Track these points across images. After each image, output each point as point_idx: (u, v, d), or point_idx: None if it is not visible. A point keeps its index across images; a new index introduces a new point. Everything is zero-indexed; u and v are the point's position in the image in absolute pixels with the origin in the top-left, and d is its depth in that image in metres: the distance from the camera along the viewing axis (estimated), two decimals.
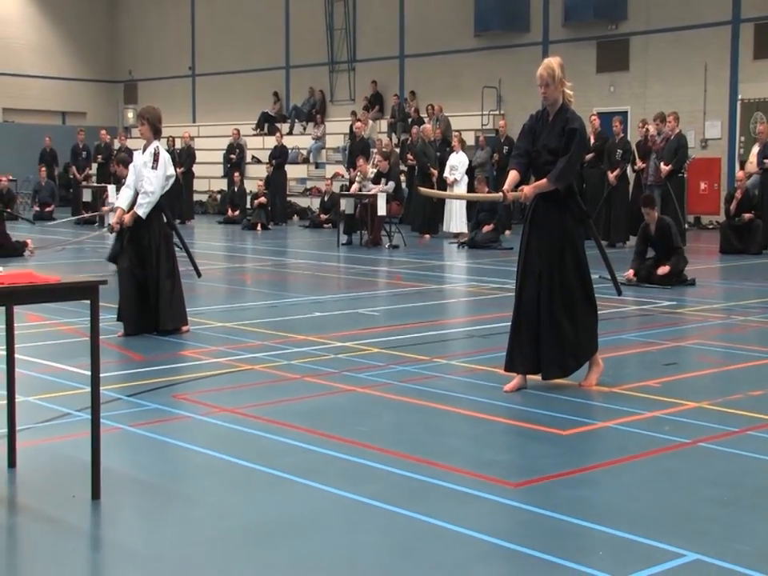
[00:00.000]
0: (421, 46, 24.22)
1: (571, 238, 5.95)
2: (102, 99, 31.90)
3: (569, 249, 5.94)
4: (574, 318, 5.95)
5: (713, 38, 19.62)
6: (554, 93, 5.87)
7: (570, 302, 5.94)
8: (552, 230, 5.93)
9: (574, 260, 5.95)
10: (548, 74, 5.84)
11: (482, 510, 3.96)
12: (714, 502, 4.08)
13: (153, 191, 7.80)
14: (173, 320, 7.76)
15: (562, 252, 5.92)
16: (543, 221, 5.96)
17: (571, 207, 5.99)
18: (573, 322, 5.95)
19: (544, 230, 5.95)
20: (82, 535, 3.77)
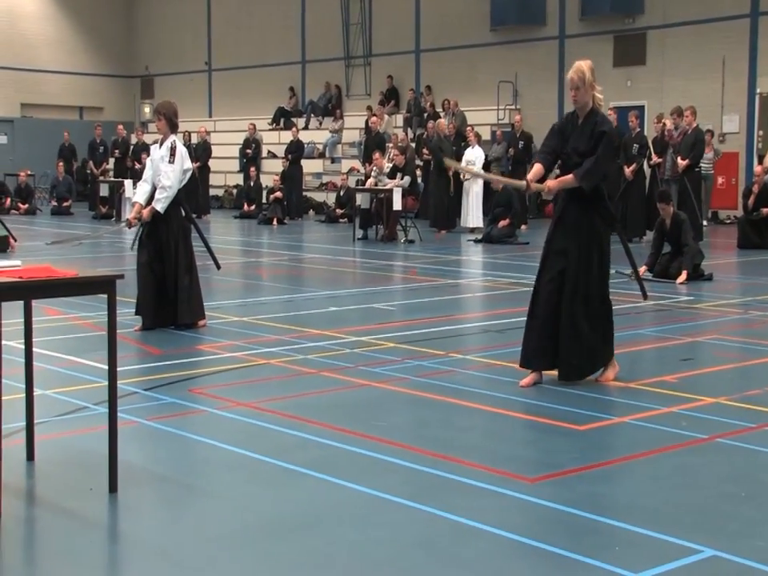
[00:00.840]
0: (437, 40, 24.17)
1: (599, 240, 5.96)
2: (119, 94, 32.01)
3: (596, 252, 5.95)
4: (593, 321, 5.95)
5: (731, 32, 19.48)
6: (584, 96, 5.94)
7: (591, 306, 5.94)
8: (580, 232, 5.93)
9: (599, 264, 5.96)
10: (578, 77, 5.92)
11: (498, 505, 3.95)
12: (731, 497, 4.06)
13: (170, 185, 7.82)
14: (190, 314, 7.77)
15: (589, 254, 5.92)
16: (572, 222, 5.95)
17: (600, 211, 6.00)
18: (592, 326, 5.95)
19: (572, 232, 5.94)
20: (99, 528, 3.80)
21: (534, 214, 21.15)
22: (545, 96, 22.32)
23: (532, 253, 14.38)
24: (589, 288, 5.91)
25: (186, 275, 7.77)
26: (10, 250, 13.30)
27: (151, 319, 7.70)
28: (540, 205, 21.80)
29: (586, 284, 5.90)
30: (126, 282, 9.88)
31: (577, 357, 5.90)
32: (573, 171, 5.87)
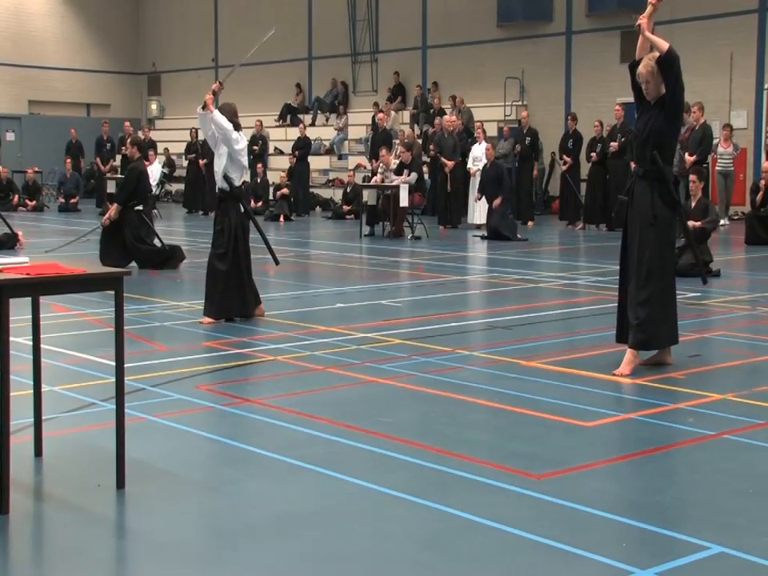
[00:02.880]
0: (443, 36, 24.14)
1: (660, 220, 6.13)
2: (126, 91, 32.04)
3: (657, 230, 6.12)
4: (652, 300, 6.15)
5: (739, 27, 19.41)
6: (655, 89, 6.22)
7: (651, 284, 6.14)
8: (643, 212, 6.15)
9: (658, 244, 6.12)
10: (647, 71, 6.19)
11: (505, 501, 3.95)
12: (739, 494, 4.05)
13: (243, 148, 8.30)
14: (246, 306, 7.99)
15: (648, 234, 6.12)
16: (637, 203, 6.20)
17: (662, 193, 6.18)
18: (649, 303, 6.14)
19: (637, 213, 6.18)
20: (106, 524, 3.81)
21: (541, 210, 21.13)
22: (552, 92, 22.27)
23: (538, 249, 14.37)
24: (650, 265, 6.12)
25: (238, 270, 7.96)
26: (19, 246, 13.34)
27: (216, 310, 7.92)
28: (546, 201, 21.78)
29: (648, 261, 6.12)
30: (133, 278, 9.90)
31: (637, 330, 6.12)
32: (650, 156, 6.13)
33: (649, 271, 6.11)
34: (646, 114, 6.29)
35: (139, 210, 11.54)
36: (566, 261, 13.07)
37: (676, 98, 6.22)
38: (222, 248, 8.01)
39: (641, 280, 6.13)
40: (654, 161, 6.15)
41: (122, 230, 11.37)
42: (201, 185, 21.89)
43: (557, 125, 20.92)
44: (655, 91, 6.22)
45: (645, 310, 6.10)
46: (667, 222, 6.18)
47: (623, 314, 6.35)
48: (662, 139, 6.20)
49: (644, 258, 6.11)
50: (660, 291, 6.15)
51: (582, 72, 21.82)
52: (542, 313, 8.53)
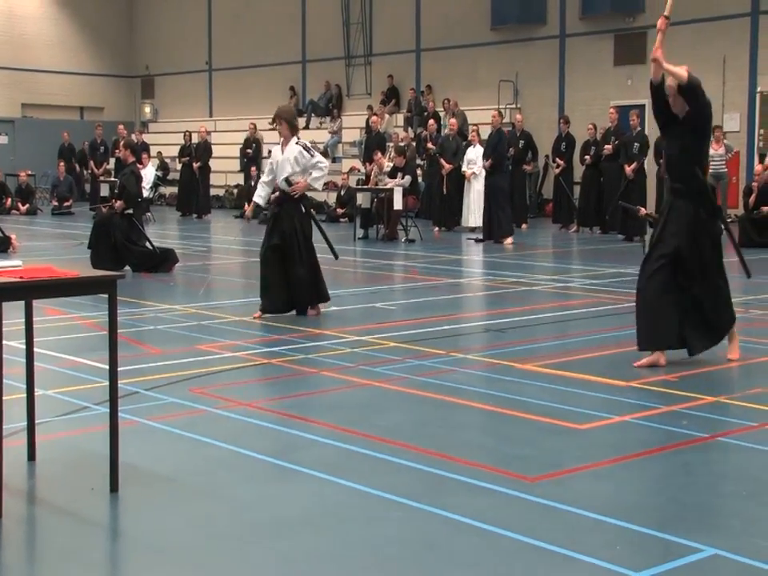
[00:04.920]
0: (437, 39, 24.16)
1: (705, 226, 6.39)
2: (120, 94, 32.01)
3: (705, 233, 6.38)
4: (712, 293, 6.42)
5: (731, 30, 19.47)
6: (681, 102, 6.30)
7: (710, 279, 6.41)
8: (691, 222, 6.33)
9: (711, 250, 6.42)
10: (676, 83, 6.27)
11: (499, 504, 3.95)
12: (732, 496, 4.06)
13: (326, 164, 8.64)
14: (305, 301, 8.38)
15: (699, 241, 6.36)
16: (681, 213, 6.35)
17: (704, 202, 6.42)
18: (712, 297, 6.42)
19: (681, 221, 6.34)
20: (100, 527, 3.80)
21: (535, 213, 21.16)
22: (546, 95, 22.31)
23: (532, 252, 14.39)
24: (704, 263, 6.39)
25: (302, 266, 8.31)
26: (11, 250, 13.30)
27: (268, 303, 8.28)
28: (540, 204, 21.81)
29: (701, 259, 6.37)
30: (127, 281, 9.89)
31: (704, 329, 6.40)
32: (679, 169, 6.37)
33: (717, 276, 6.45)
34: (676, 132, 6.39)
35: (129, 214, 11.53)
36: (560, 263, 13.09)
37: (704, 117, 6.40)
38: (302, 252, 8.38)
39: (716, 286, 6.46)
40: (696, 176, 6.36)
41: (112, 234, 11.36)
42: (195, 188, 21.86)
43: (550, 128, 20.95)
44: (683, 104, 6.33)
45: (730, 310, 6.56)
46: (715, 230, 6.49)
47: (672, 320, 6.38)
48: (698, 155, 6.40)
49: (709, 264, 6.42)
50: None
51: (575, 75, 21.86)
52: (537, 316, 8.54)
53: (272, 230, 8.46)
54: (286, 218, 8.40)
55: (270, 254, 8.39)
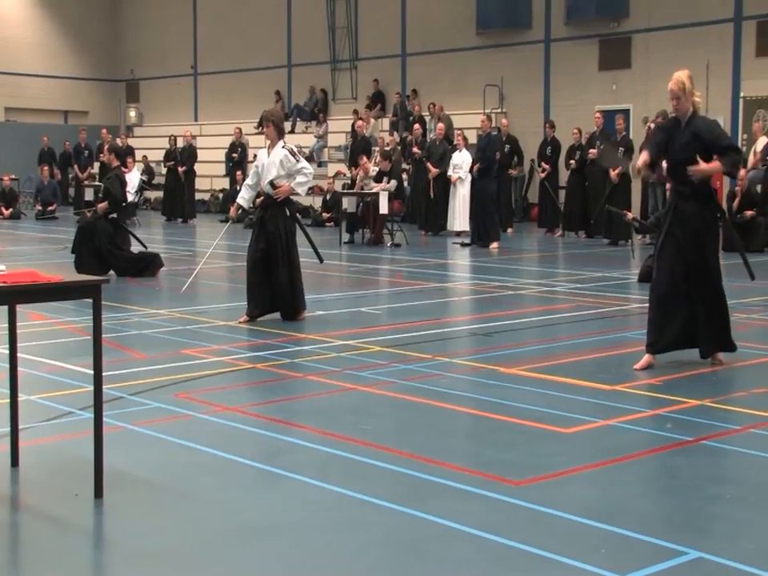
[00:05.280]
0: (423, 44, 24.20)
1: (713, 230, 6.55)
2: (104, 98, 31.88)
3: (709, 240, 6.52)
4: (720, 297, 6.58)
5: (715, 36, 19.59)
6: (685, 104, 6.41)
7: (713, 288, 6.54)
8: (696, 222, 6.42)
9: (714, 253, 6.56)
10: (678, 87, 6.37)
11: (484, 508, 3.96)
12: (716, 499, 4.08)
13: (311, 171, 8.68)
14: (291, 307, 8.36)
15: (705, 244, 6.47)
16: (686, 216, 6.42)
17: (710, 205, 6.55)
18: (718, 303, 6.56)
19: (688, 224, 6.41)
20: (84, 533, 3.78)
21: (520, 218, 21.21)
22: (531, 99, 22.37)
23: (518, 256, 14.43)
24: (710, 268, 6.50)
25: (288, 271, 8.33)
26: None
27: (257, 307, 8.28)
28: (526, 209, 21.86)
29: (707, 264, 6.47)
30: (111, 286, 9.84)
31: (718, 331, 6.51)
32: (680, 172, 6.39)
33: (717, 278, 6.56)
34: (679, 136, 6.43)
35: (114, 218, 11.48)
36: (546, 268, 13.12)
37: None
38: (288, 257, 8.39)
39: (717, 287, 6.56)
40: (703, 179, 6.44)
41: (95, 239, 11.31)
42: (180, 192, 21.81)
43: (536, 132, 21.00)
44: (685, 106, 6.40)
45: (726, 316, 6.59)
46: (718, 232, 6.67)
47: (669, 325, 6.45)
48: (705, 158, 6.41)
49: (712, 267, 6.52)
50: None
51: (560, 79, 21.93)
52: (522, 320, 8.56)
53: (258, 234, 8.47)
54: (271, 222, 8.41)
55: (257, 258, 8.39)
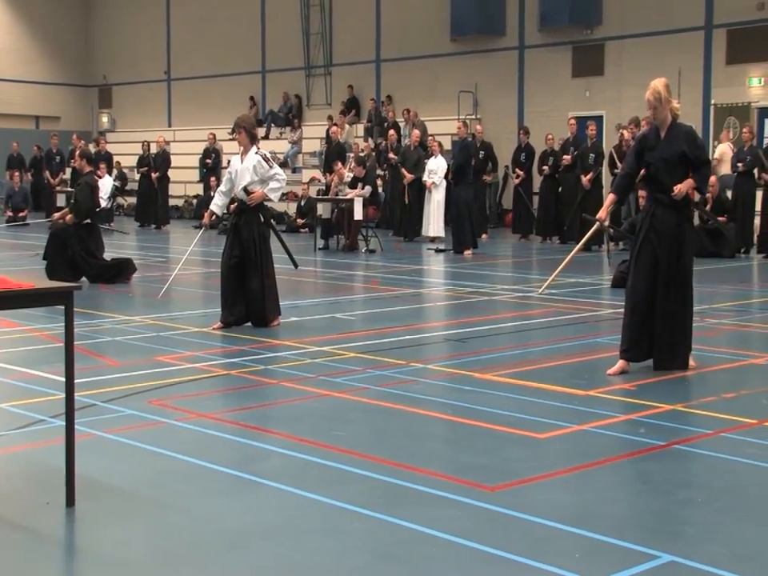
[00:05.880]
0: (397, 50, 24.26)
1: (691, 239, 6.59)
2: (76, 104, 31.67)
3: (687, 250, 6.54)
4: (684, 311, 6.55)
5: (686, 43, 19.79)
6: (662, 113, 6.45)
7: (684, 296, 6.53)
8: (674, 231, 6.46)
9: (691, 261, 6.63)
10: (655, 97, 6.40)
11: (459, 513, 3.96)
12: (688, 503, 4.11)
13: (284, 177, 8.65)
14: (263, 314, 8.30)
15: (681, 251, 6.50)
16: (664, 224, 6.47)
17: (688, 214, 6.64)
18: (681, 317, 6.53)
19: (665, 232, 6.46)
20: (55, 543, 3.75)
21: (495, 224, 21.29)
22: (505, 106, 22.49)
23: (492, 262, 14.48)
24: (682, 279, 6.50)
25: (260, 278, 8.30)
26: None
27: (231, 314, 8.26)
28: (500, 215, 21.94)
29: (679, 273, 6.49)
30: (83, 292, 9.77)
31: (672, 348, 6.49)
32: (661, 182, 6.48)
33: (688, 288, 6.55)
34: (659, 145, 6.48)
35: (88, 224, 11.40)
36: (520, 273, 13.18)
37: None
38: (261, 263, 8.37)
39: (687, 297, 6.55)
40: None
41: (68, 245, 11.22)
42: (153, 198, 21.69)
43: (510, 138, 21.11)
44: (662, 114, 6.45)
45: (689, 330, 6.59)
46: (695, 245, 6.80)
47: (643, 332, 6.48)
48: (682, 166, 6.50)
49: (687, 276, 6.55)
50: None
51: (534, 86, 22.06)
52: (496, 325, 8.59)
53: (232, 241, 8.45)
54: (244, 228, 8.39)
55: (231, 265, 8.37)
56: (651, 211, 6.58)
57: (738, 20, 19.23)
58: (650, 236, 6.51)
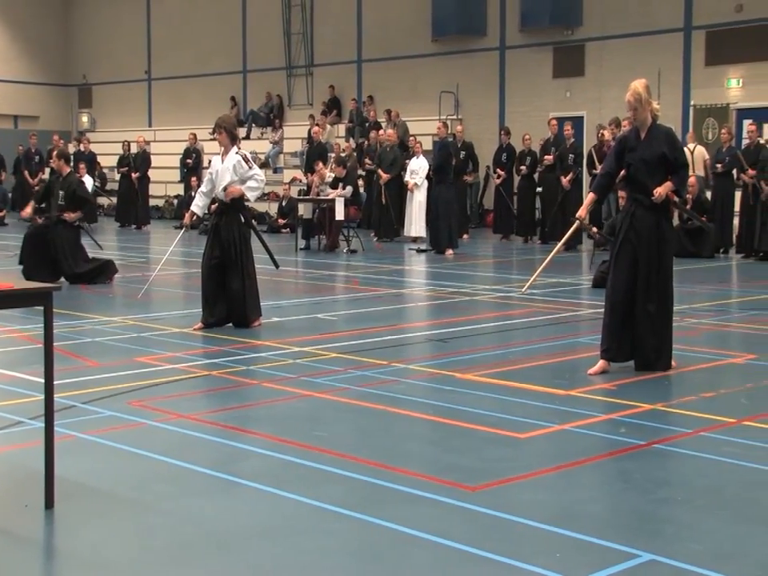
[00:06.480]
0: (378, 50, 24.26)
1: (670, 239, 6.62)
2: (56, 103, 31.45)
3: (667, 250, 6.56)
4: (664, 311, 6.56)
5: (666, 45, 19.90)
6: (642, 114, 6.47)
7: (665, 296, 6.54)
8: (653, 231, 6.48)
9: (671, 261, 6.62)
10: (635, 98, 6.43)
11: (440, 513, 3.96)
12: (668, 502, 4.13)
13: (263, 180, 8.64)
14: (245, 315, 8.27)
15: (661, 251, 6.51)
16: (644, 224, 6.49)
17: (668, 215, 6.67)
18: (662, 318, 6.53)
19: (645, 232, 6.48)
20: (34, 545, 3.72)
21: (476, 224, 21.33)
22: (486, 106, 22.53)
23: (473, 262, 14.50)
24: (662, 281, 6.53)
25: (241, 278, 8.27)
26: None
27: (212, 315, 8.23)
28: (481, 215, 21.99)
29: (659, 278, 6.51)
30: (63, 293, 9.71)
31: (654, 350, 6.50)
32: (642, 183, 6.49)
33: (668, 288, 6.57)
34: (639, 146, 6.51)
35: (74, 224, 11.31)
36: (501, 273, 13.21)
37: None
38: (242, 264, 8.34)
39: (667, 297, 6.57)
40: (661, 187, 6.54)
41: (50, 244, 11.12)
42: (134, 198, 21.59)
43: (491, 139, 21.16)
44: (643, 116, 6.48)
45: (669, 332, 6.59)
46: (674, 245, 6.82)
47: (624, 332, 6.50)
48: (662, 167, 6.51)
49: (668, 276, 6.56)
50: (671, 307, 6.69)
51: (515, 86, 22.12)
52: (478, 325, 8.60)
53: (212, 241, 8.42)
54: (225, 229, 8.37)
55: (212, 266, 8.34)
56: (631, 211, 6.61)
57: (717, 22, 19.36)
58: (629, 236, 6.55)
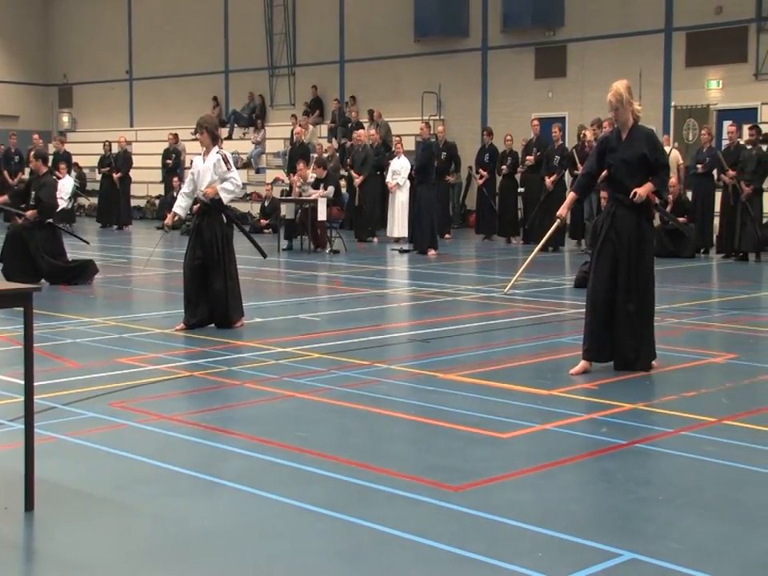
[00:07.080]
0: (361, 50, 24.25)
1: (651, 239, 6.66)
2: (36, 103, 31.25)
3: (647, 249, 6.58)
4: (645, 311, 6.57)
5: (647, 46, 20.00)
6: (623, 114, 6.50)
7: (645, 296, 6.56)
8: (634, 231, 6.52)
9: (649, 261, 6.61)
10: (616, 99, 6.46)
11: (422, 513, 3.97)
12: (649, 501, 4.15)
13: (239, 184, 8.57)
14: (226, 315, 8.29)
15: (642, 250, 6.54)
16: (624, 224, 6.53)
17: (649, 215, 6.70)
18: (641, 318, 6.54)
19: (625, 232, 6.52)
20: (14, 548, 3.69)
21: (458, 224, 21.36)
22: (468, 106, 22.57)
23: (455, 263, 14.52)
24: (641, 282, 6.54)
25: (223, 279, 8.28)
26: None
27: (194, 316, 8.22)
28: (464, 215, 22.02)
29: (637, 279, 6.52)
30: (43, 293, 9.65)
31: (633, 350, 6.51)
32: (623, 184, 6.53)
33: (648, 288, 6.58)
34: (620, 147, 6.54)
35: (50, 224, 11.24)
36: (483, 274, 13.24)
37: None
38: (224, 264, 8.35)
39: (647, 297, 6.57)
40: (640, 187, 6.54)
41: (29, 245, 11.05)
42: (115, 199, 21.49)
43: (473, 139, 21.19)
44: (624, 116, 6.51)
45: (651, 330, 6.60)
46: (654, 244, 6.82)
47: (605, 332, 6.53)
48: (642, 167, 6.53)
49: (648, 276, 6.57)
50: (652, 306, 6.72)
51: (497, 87, 22.17)
52: (460, 326, 8.61)
53: (194, 242, 8.40)
54: (207, 230, 8.36)
55: (194, 267, 8.32)
56: (612, 211, 6.65)
57: (697, 23, 19.47)
58: (610, 236, 6.58)
